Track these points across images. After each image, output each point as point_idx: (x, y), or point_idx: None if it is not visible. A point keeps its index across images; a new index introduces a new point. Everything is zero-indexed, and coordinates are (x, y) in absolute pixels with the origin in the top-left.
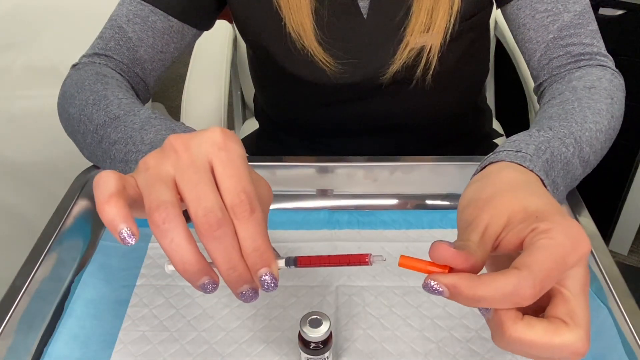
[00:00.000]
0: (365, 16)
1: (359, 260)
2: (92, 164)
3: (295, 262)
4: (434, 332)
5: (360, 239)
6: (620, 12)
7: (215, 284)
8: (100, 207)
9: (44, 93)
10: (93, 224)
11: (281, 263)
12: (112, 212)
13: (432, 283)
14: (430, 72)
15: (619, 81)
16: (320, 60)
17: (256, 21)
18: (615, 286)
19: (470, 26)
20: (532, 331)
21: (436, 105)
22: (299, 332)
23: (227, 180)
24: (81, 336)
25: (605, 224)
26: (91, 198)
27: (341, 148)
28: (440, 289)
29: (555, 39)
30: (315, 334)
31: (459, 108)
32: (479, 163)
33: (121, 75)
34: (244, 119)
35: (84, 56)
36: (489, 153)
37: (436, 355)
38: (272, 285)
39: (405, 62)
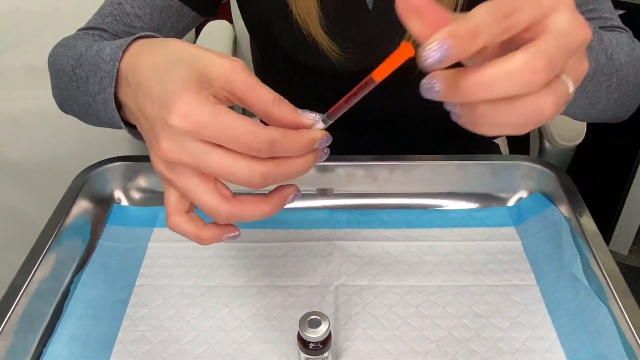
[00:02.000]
0: (370, 6)
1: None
2: (92, 163)
3: (327, 117)
4: (433, 332)
5: (359, 238)
6: (620, 12)
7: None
8: (198, 241)
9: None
10: (92, 223)
11: (320, 125)
12: (209, 238)
13: (433, 46)
14: None
15: (638, 46)
16: (326, 48)
17: (262, 8)
18: (615, 286)
19: None
20: (495, 66)
21: None
22: (298, 332)
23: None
24: (80, 336)
25: (605, 224)
26: (90, 198)
27: (344, 142)
28: (439, 55)
29: (579, 5)
30: (315, 334)
31: None
32: None
33: None
34: None
35: (79, 30)
36: (489, 151)
37: (436, 355)
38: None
39: None
